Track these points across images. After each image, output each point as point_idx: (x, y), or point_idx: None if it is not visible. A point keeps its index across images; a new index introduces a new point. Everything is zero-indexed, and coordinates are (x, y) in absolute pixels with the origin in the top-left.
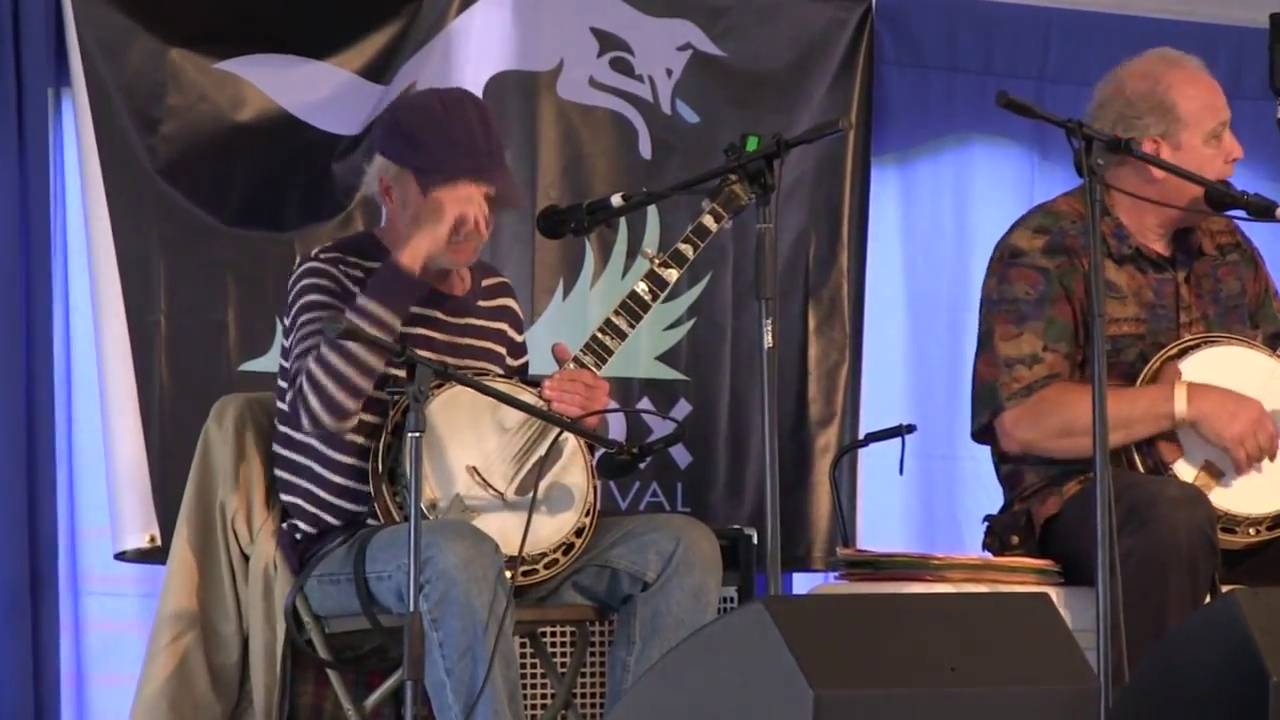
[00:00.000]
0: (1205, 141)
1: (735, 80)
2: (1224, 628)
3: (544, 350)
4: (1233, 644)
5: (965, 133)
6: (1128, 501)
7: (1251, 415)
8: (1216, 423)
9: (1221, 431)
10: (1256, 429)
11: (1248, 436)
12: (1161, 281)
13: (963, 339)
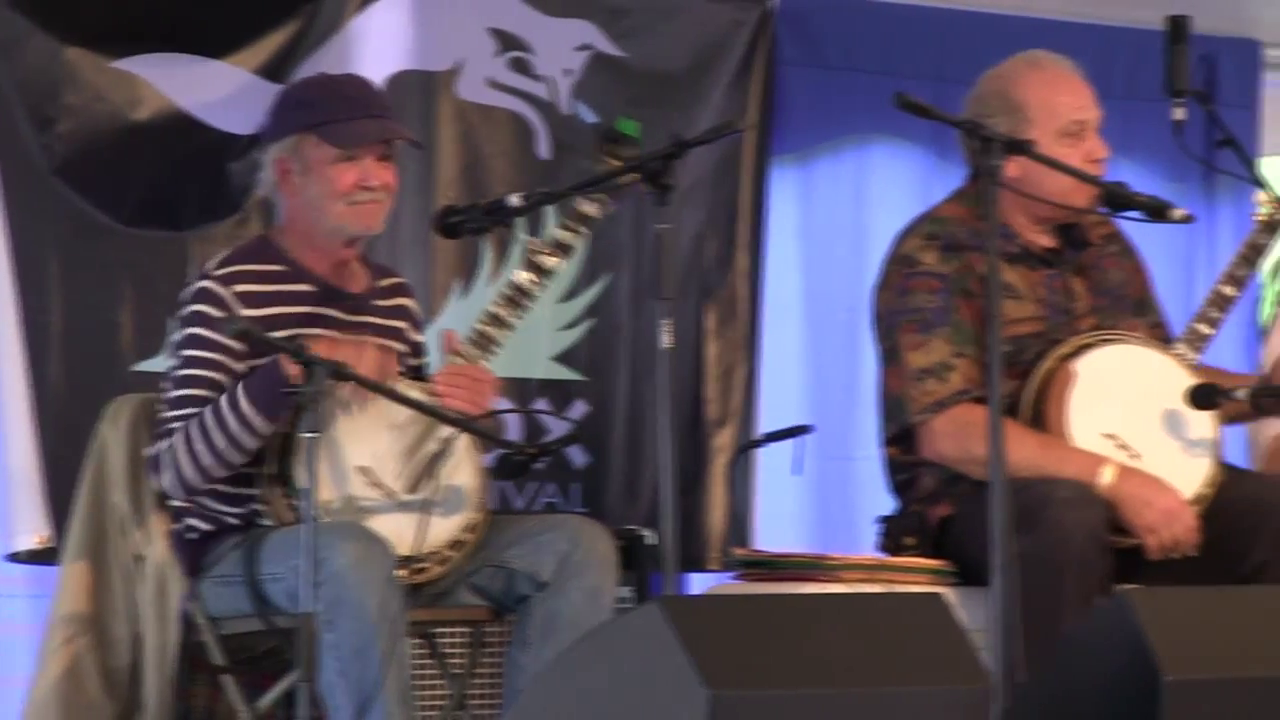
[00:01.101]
0: (1056, 140)
1: (635, 81)
2: (1117, 627)
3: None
4: (1126, 643)
5: (864, 134)
6: (1021, 503)
7: (1168, 505)
8: (1134, 506)
9: (1136, 518)
10: (1171, 520)
11: (1160, 526)
12: (1052, 277)
13: (860, 340)
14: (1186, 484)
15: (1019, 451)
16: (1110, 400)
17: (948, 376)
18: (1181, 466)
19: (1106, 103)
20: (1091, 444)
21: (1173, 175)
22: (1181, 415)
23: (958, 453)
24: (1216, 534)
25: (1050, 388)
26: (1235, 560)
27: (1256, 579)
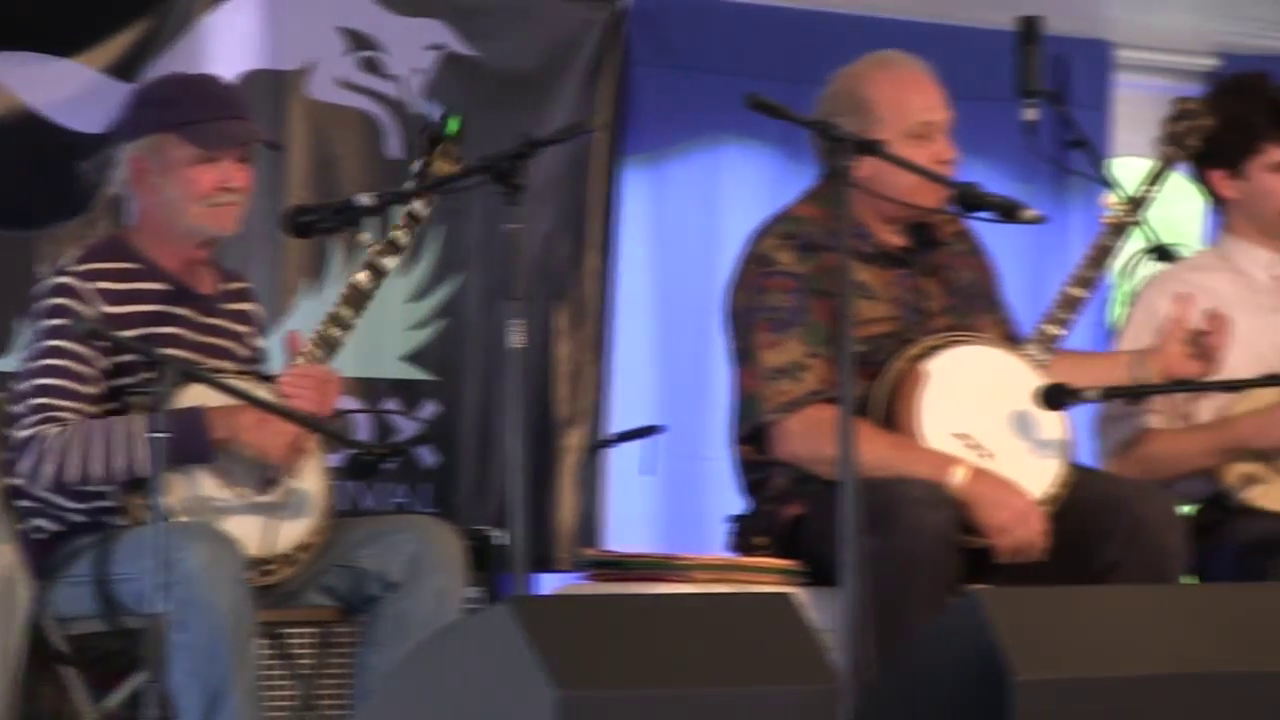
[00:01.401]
0: (905, 140)
1: (486, 80)
2: (967, 627)
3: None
4: (976, 643)
5: (716, 134)
6: (872, 503)
7: (1018, 507)
8: (985, 507)
9: (986, 519)
10: (1021, 522)
11: (1011, 528)
12: (905, 276)
13: (711, 341)
14: (1037, 484)
15: (871, 451)
16: (961, 400)
17: (801, 376)
18: (1032, 466)
19: (958, 103)
20: (942, 444)
21: (1024, 176)
22: (1032, 415)
23: (810, 452)
24: (1067, 533)
25: (901, 388)
26: (1086, 559)
27: (1107, 578)
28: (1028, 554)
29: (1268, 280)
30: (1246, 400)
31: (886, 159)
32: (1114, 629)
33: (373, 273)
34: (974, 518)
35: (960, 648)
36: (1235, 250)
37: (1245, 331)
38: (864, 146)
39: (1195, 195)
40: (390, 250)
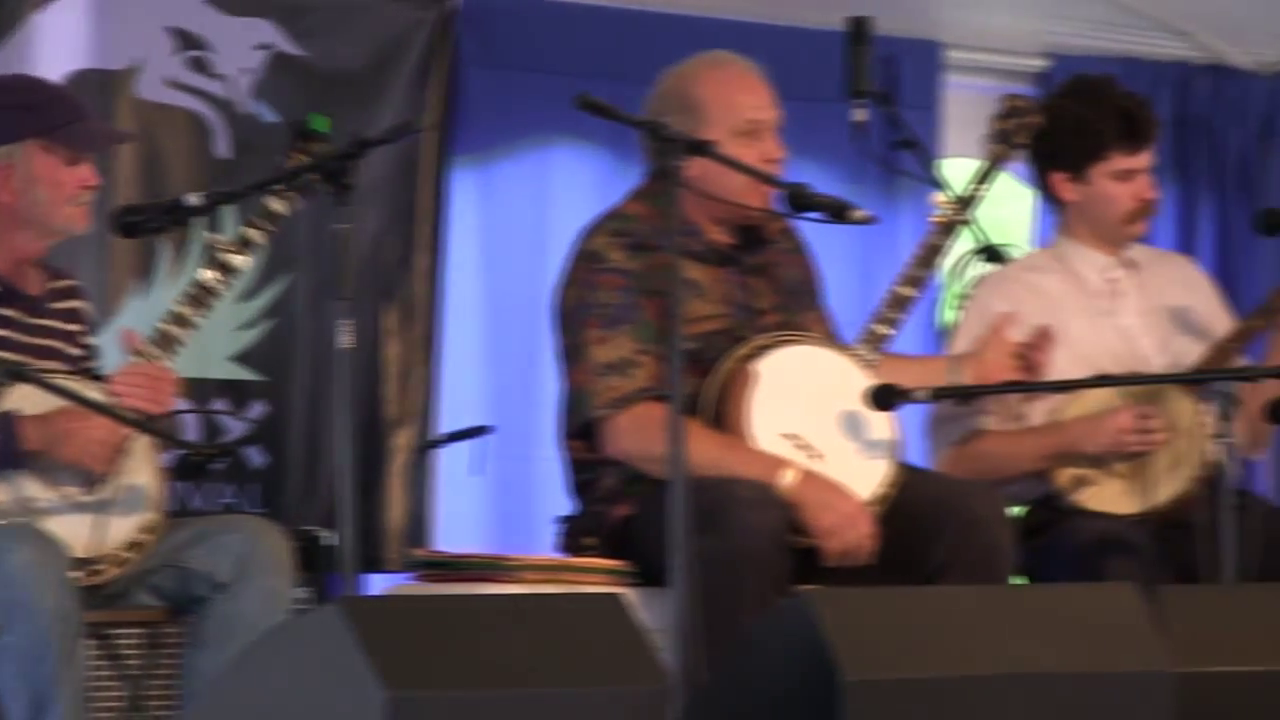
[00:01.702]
0: (733, 139)
1: (315, 80)
2: (797, 628)
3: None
4: (805, 644)
5: (545, 134)
6: (701, 503)
7: (847, 510)
8: (813, 508)
9: (815, 521)
10: (850, 524)
11: (839, 530)
12: (736, 274)
13: (540, 341)
14: (866, 484)
15: (701, 451)
16: (790, 401)
17: (632, 373)
18: (861, 466)
19: (788, 103)
20: (772, 444)
21: (853, 176)
22: (861, 416)
23: (639, 450)
24: (897, 534)
25: (730, 389)
26: (916, 560)
27: (937, 579)
28: (856, 557)
29: (1101, 283)
30: (1078, 402)
31: (715, 159)
32: (943, 629)
33: (222, 271)
34: (802, 520)
35: (789, 648)
36: (1070, 252)
37: (1077, 333)
38: (693, 146)
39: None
40: (242, 248)
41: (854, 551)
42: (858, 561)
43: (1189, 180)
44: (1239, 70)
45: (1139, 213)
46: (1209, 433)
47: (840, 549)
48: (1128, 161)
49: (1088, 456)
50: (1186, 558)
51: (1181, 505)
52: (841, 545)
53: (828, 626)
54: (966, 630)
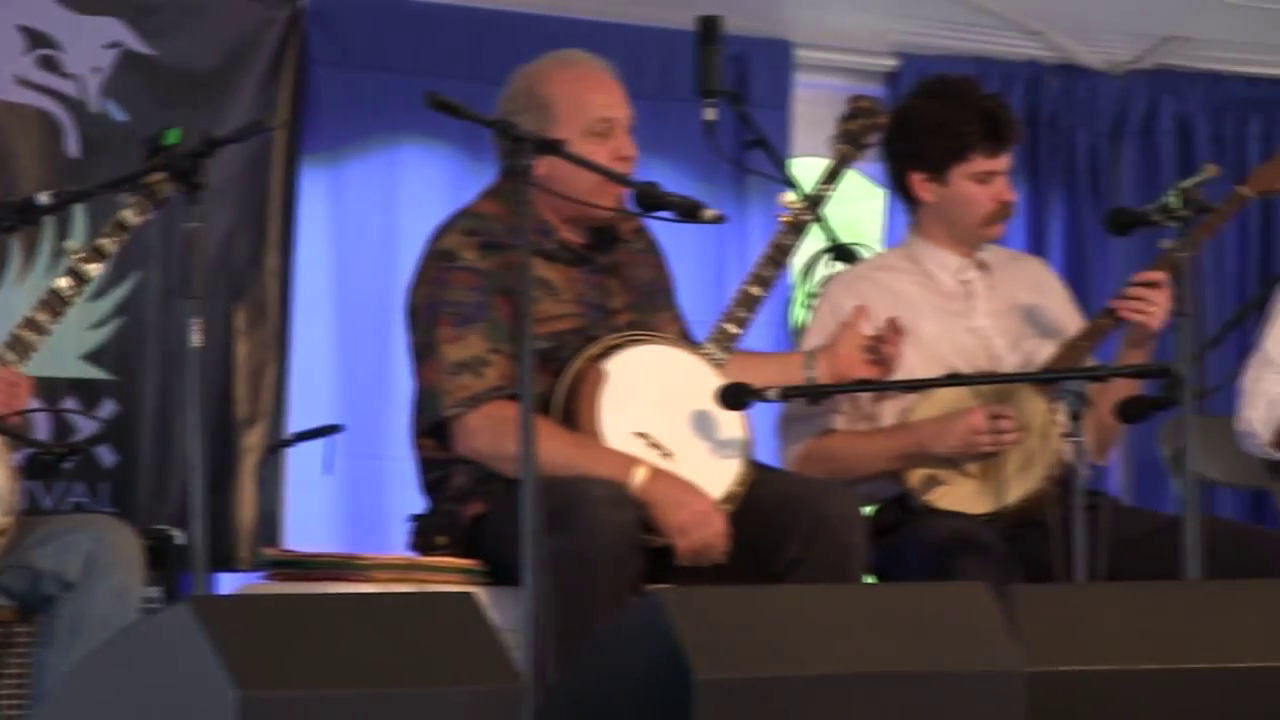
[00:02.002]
0: (584, 138)
1: (165, 79)
2: (648, 627)
3: None
4: (657, 642)
5: (395, 133)
6: (553, 502)
7: (699, 508)
8: (666, 507)
9: (667, 519)
10: (702, 523)
11: (691, 528)
12: (589, 273)
13: (391, 340)
14: (717, 483)
15: (552, 450)
16: (641, 400)
17: (483, 372)
18: (712, 465)
19: (639, 102)
20: (623, 443)
21: (704, 175)
22: (712, 415)
23: (491, 449)
24: (748, 532)
25: (581, 387)
26: (768, 558)
27: (789, 576)
28: (708, 555)
29: (954, 284)
30: (929, 402)
31: (566, 157)
32: (795, 628)
33: (75, 279)
34: (655, 518)
35: (641, 647)
36: (923, 252)
37: (929, 334)
38: (543, 145)
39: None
40: (95, 257)
41: (707, 550)
42: (710, 560)
43: (1040, 180)
44: (1090, 70)
45: (998, 215)
46: (1060, 432)
47: (693, 547)
48: (988, 163)
49: (939, 457)
50: (1038, 557)
51: (1033, 505)
52: (694, 543)
53: (679, 625)
54: (818, 629)
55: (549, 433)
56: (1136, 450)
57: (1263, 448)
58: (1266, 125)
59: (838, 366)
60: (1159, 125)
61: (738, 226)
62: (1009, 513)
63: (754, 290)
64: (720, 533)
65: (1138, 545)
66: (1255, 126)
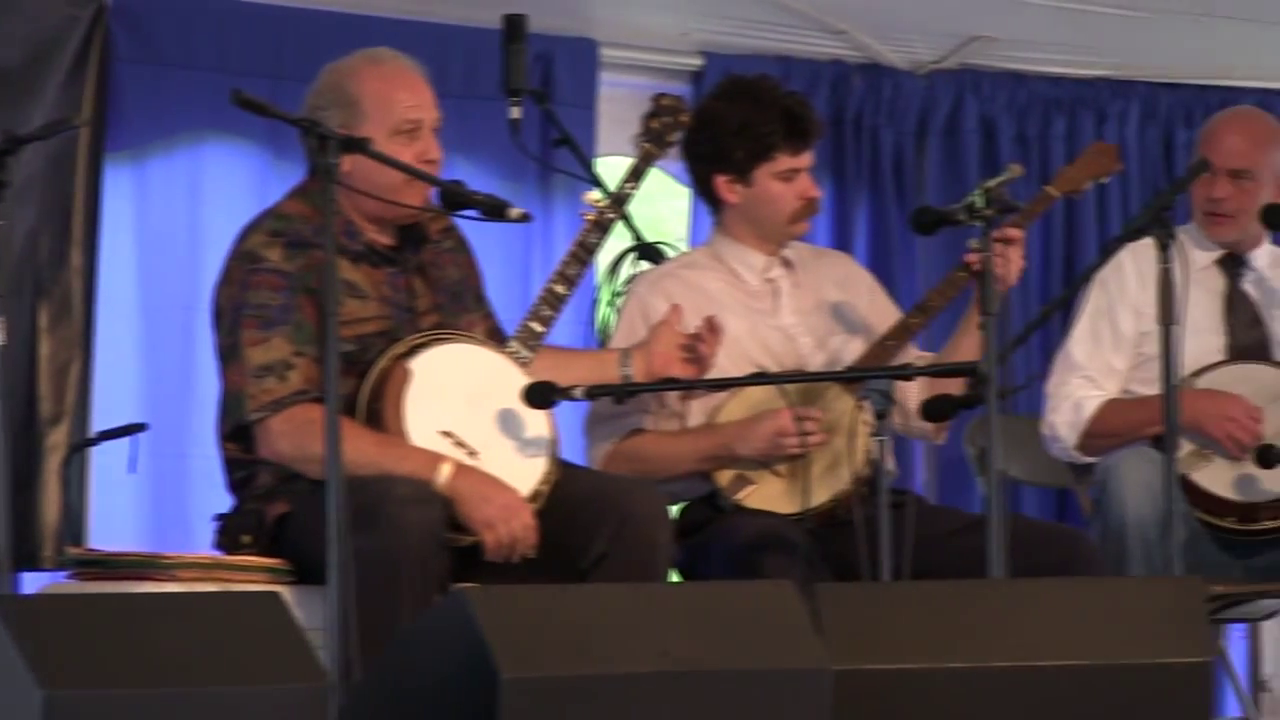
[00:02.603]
0: (391, 137)
1: None
2: (454, 625)
3: None
4: (463, 641)
5: (200, 130)
6: (358, 501)
7: (506, 502)
8: (472, 501)
9: (474, 513)
10: (509, 516)
11: (498, 522)
12: (394, 275)
13: (197, 338)
14: (524, 481)
15: (357, 450)
16: (446, 398)
17: (287, 376)
18: (518, 464)
19: (445, 101)
20: (429, 442)
21: (510, 174)
22: (517, 413)
23: (295, 452)
24: (554, 530)
25: (386, 386)
26: (574, 556)
27: (595, 574)
28: (517, 549)
29: (760, 283)
30: (737, 401)
31: (372, 156)
32: (602, 627)
33: None
34: (461, 514)
35: (447, 646)
36: (728, 251)
37: (736, 333)
38: (349, 144)
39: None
40: None
41: (515, 543)
42: (519, 554)
43: (845, 179)
44: (894, 69)
45: (803, 211)
46: (867, 431)
47: (501, 541)
48: (792, 161)
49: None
50: (845, 556)
51: (840, 504)
52: (502, 537)
53: (485, 624)
54: (625, 628)
55: (353, 433)
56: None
57: (1068, 452)
58: (1070, 125)
59: (653, 365)
60: (963, 125)
61: (543, 225)
62: (816, 512)
63: (559, 289)
64: (529, 525)
65: (943, 544)
66: (1059, 126)
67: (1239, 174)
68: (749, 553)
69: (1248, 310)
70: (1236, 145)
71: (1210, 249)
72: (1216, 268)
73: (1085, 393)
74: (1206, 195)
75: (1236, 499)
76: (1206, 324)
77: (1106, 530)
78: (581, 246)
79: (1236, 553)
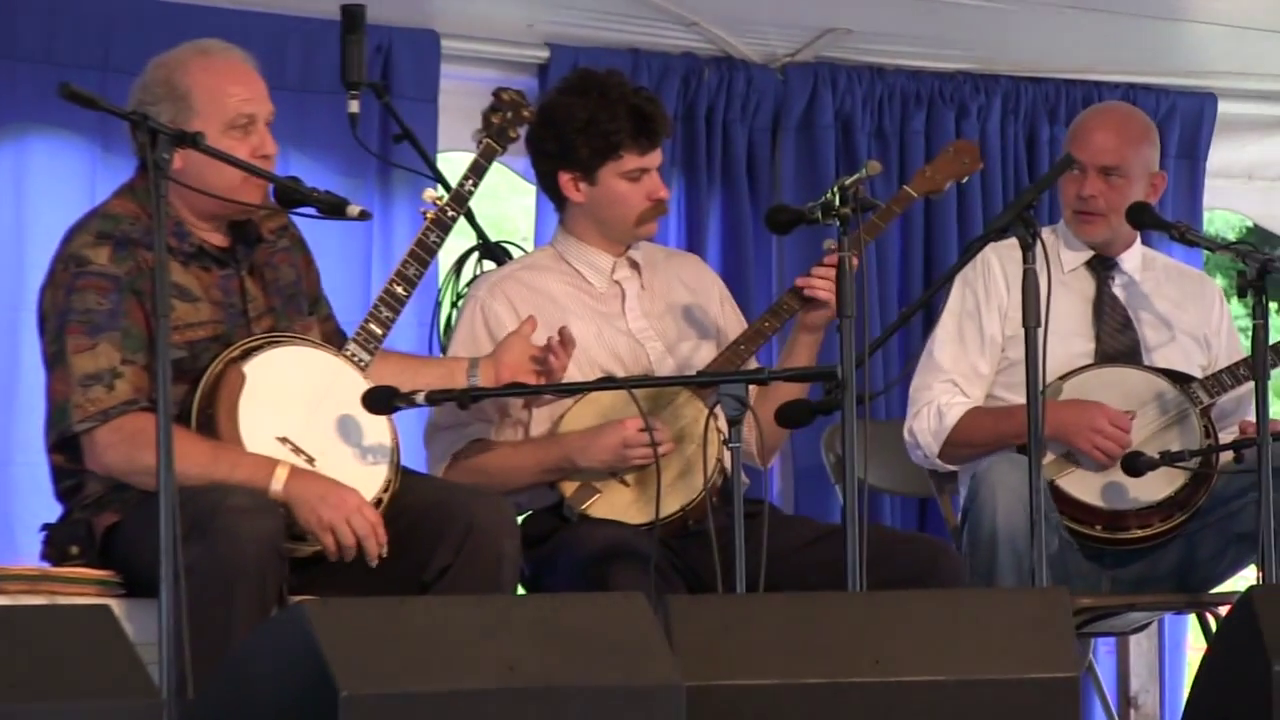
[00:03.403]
0: (224, 132)
1: None
2: (293, 640)
3: None
4: (301, 657)
5: (24, 124)
6: (191, 511)
7: (344, 501)
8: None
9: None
10: (350, 514)
11: (338, 523)
12: (227, 277)
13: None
14: (363, 489)
15: (189, 459)
16: (282, 404)
17: (115, 385)
18: (358, 471)
19: (280, 94)
20: (265, 448)
21: (349, 170)
22: (357, 419)
23: (125, 464)
24: (397, 541)
25: (219, 392)
26: (416, 568)
27: (438, 586)
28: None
29: (606, 285)
30: (582, 407)
31: (205, 152)
32: (444, 641)
33: None
34: (299, 519)
35: (285, 661)
36: (574, 252)
37: (581, 337)
38: (181, 139)
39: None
40: None
41: (363, 541)
42: (372, 553)
43: (696, 176)
44: (747, 63)
45: (651, 213)
46: (719, 439)
47: (343, 543)
48: (639, 161)
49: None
50: (697, 567)
51: (692, 514)
52: (344, 538)
53: (323, 639)
54: (470, 642)
55: (185, 441)
56: (799, 456)
57: (929, 460)
58: (930, 120)
59: (501, 376)
60: (819, 120)
61: (383, 223)
62: (666, 522)
63: (398, 289)
64: (373, 522)
65: (799, 555)
66: (918, 121)
67: (1109, 171)
68: (597, 564)
69: (1117, 314)
70: (1106, 142)
71: (1080, 249)
72: (1085, 270)
73: (949, 399)
74: (1076, 193)
75: (1104, 506)
76: (1074, 327)
77: (975, 540)
78: (421, 246)
79: (1104, 563)
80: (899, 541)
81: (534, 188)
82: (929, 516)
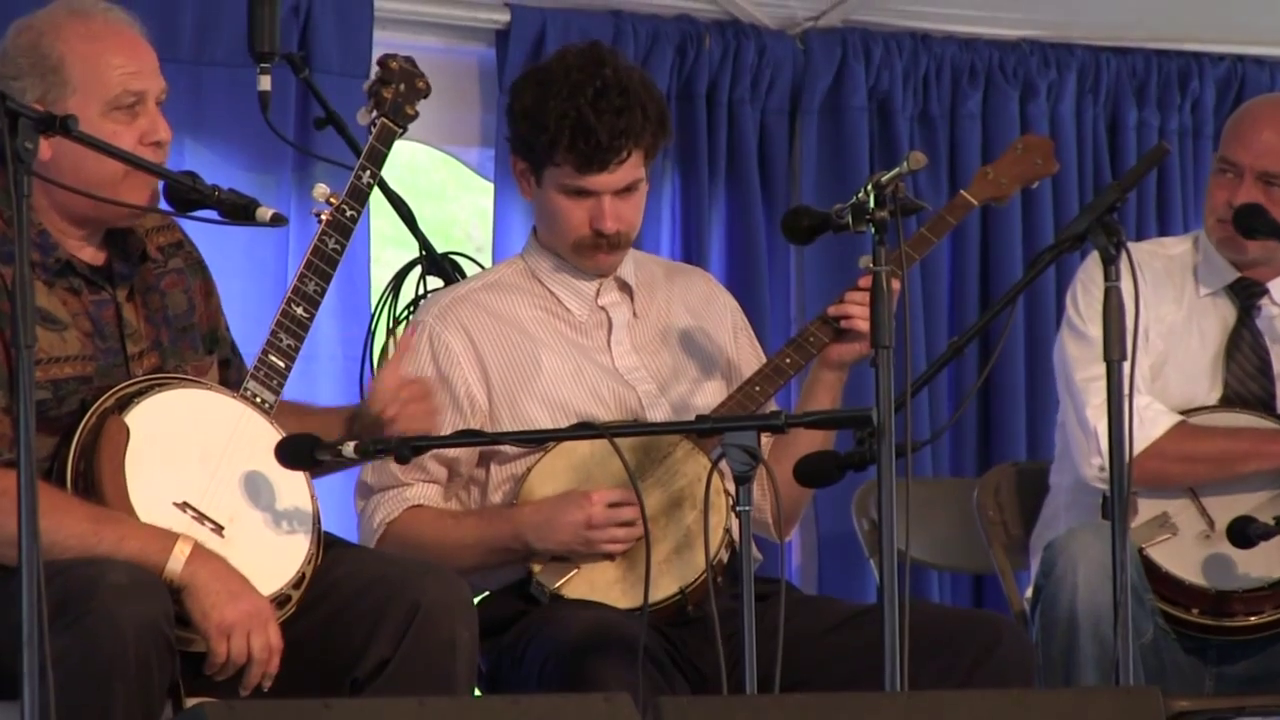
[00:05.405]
0: (105, 114)
1: None
2: None
3: None
4: None
5: None
6: (61, 590)
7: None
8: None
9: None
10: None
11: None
12: (100, 303)
13: None
14: (282, 563)
15: (65, 528)
16: (177, 460)
17: None
18: (274, 542)
19: (172, 68)
20: (162, 517)
21: (259, 163)
22: (268, 477)
23: None
24: (321, 627)
25: (99, 447)
26: (348, 660)
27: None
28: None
29: (588, 312)
30: (551, 466)
31: (80, 141)
32: None
33: None
34: (193, 611)
35: None
36: (548, 269)
37: (552, 373)
38: (49, 123)
39: (482, 189)
40: None
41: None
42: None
43: (694, 170)
44: (760, 29)
45: (590, 243)
46: (724, 502)
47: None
48: (578, 179)
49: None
50: (699, 661)
51: (691, 596)
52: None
53: None
54: None
55: (60, 506)
56: (824, 522)
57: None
58: (988, 100)
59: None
60: (849, 101)
61: (301, 230)
62: (661, 607)
63: (298, 311)
64: (275, 649)
65: (822, 643)
66: (973, 102)
67: (1272, 179)
68: (574, 656)
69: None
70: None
71: (1223, 270)
72: (1226, 295)
73: (1145, 401)
74: (1227, 200)
75: (1204, 585)
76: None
77: (1050, 625)
78: (318, 255)
79: (1208, 657)
80: (950, 619)
81: (490, 185)
82: (986, 598)
